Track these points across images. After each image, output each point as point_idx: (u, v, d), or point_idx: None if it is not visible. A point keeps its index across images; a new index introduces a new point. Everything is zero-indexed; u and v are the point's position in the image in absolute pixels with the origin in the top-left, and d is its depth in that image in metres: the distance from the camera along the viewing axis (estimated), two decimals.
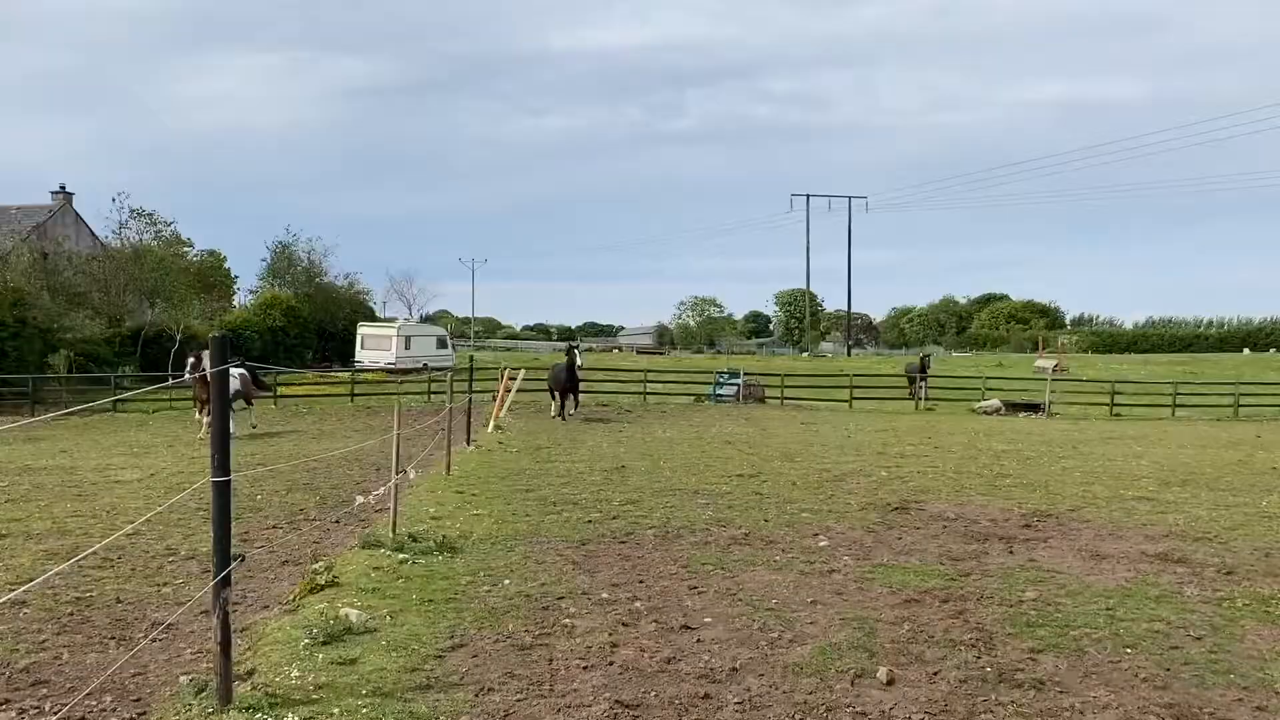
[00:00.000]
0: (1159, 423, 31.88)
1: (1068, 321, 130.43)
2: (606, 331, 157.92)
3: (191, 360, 21.68)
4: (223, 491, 5.05)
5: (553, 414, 27.00)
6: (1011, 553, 9.42)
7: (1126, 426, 29.26)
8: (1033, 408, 35.30)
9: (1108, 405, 36.98)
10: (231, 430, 6.09)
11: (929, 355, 45.58)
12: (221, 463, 5.02)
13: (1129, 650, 6.34)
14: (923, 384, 37.42)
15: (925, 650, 6.27)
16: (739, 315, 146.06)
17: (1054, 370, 52.63)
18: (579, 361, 26.55)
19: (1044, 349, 77.29)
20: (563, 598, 7.43)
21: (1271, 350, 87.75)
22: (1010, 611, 7.22)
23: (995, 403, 35.26)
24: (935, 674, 5.81)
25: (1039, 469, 16.38)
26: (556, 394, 27.06)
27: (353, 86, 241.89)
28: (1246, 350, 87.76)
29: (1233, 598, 7.75)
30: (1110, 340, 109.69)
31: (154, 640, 6.72)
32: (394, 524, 9.35)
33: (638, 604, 7.30)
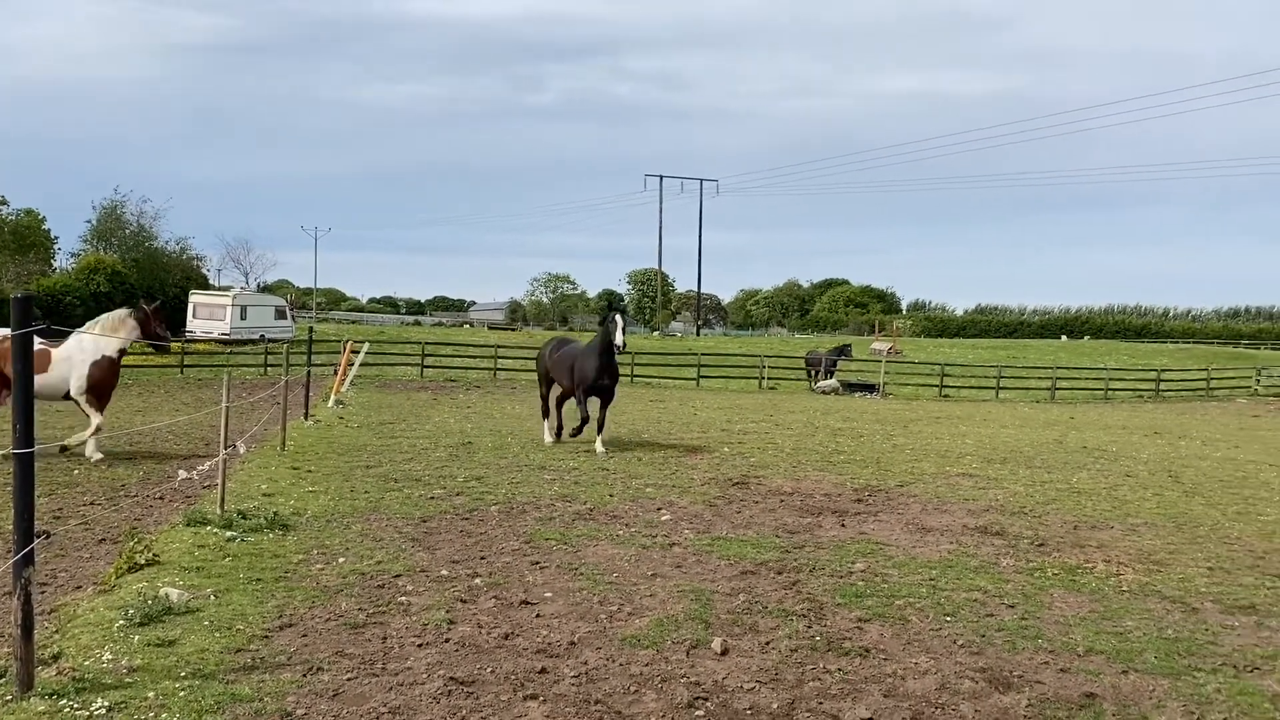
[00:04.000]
0: (983, 404, 33.71)
1: (903, 307, 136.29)
2: (457, 306, 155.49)
3: None
4: (25, 464, 4.69)
5: (551, 437, 15.79)
6: (843, 526, 9.77)
7: (954, 407, 30.82)
8: (868, 388, 36.73)
9: (937, 386, 38.88)
10: None
11: (849, 345, 46.63)
12: (24, 433, 4.66)
13: (949, 618, 6.67)
14: (832, 370, 38.01)
15: (759, 620, 6.43)
16: (592, 293, 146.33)
17: (889, 353, 54.96)
18: (619, 341, 14.59)
19: (880, 332, 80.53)
20: (400, 575, 7.26)
21: (1086, 337, 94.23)
22: (840, 582, 7.49)
23: (834, 383, 36.51)
24: (768, 643, 5.97)
25: (872, 446, 17.05)
26: (580, 397, 15.20)
27: (193, 42, 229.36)
28: (1064, 337, 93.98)
29: (1043, 568, 8.26)
30: (941, 325, 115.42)
31: None
32: (222, 500, 8.94)
33: (478, 580, 7.21)
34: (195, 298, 48.46)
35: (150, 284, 53.53)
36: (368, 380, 29.57)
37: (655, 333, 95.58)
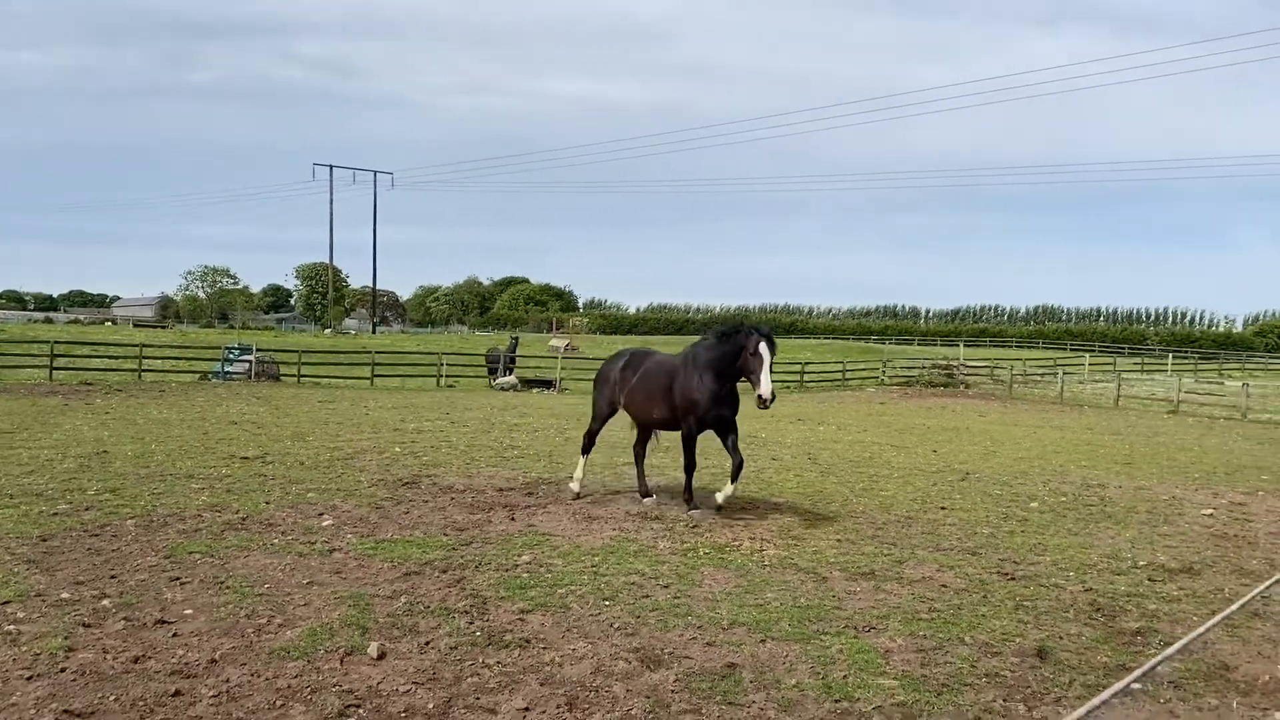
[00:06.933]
0: None
1: (580, 305, 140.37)
2: (98, 302, 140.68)
3: None
4: None
5: (578, 485, 11.50)
6: (513, 519, 9.83)
7: None
8: (546, 384, 37.38)
9: None
10: None
11: (517, 338, 46.22)
12: None
13: (607, 602, 6.89)
14: (511, 366, 38.14)
15: (420, 621, 6.30)
16: (256, 288, 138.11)
17: (566, 349, 56.28)
18: (765, 389, 9.77)
19: (558, 330, 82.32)
20: (9, 602, 6.40)
21: None
22: (505, 576, 7.51)
23: (512, 379, 36.82)
24: (427, 643, 5.86)
25: (545, 440, 17.33)
26: (689, 433, 10.67)
27: None
28: None
29: (696, 548, 8.75)
30: (616, 323, 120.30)
31: None
32: None
33: (105, 601, 6.51)
34: None
35: None
36: None
37: (327, 331, 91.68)
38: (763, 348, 9.89)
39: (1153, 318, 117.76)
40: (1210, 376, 58.38)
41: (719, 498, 10.39)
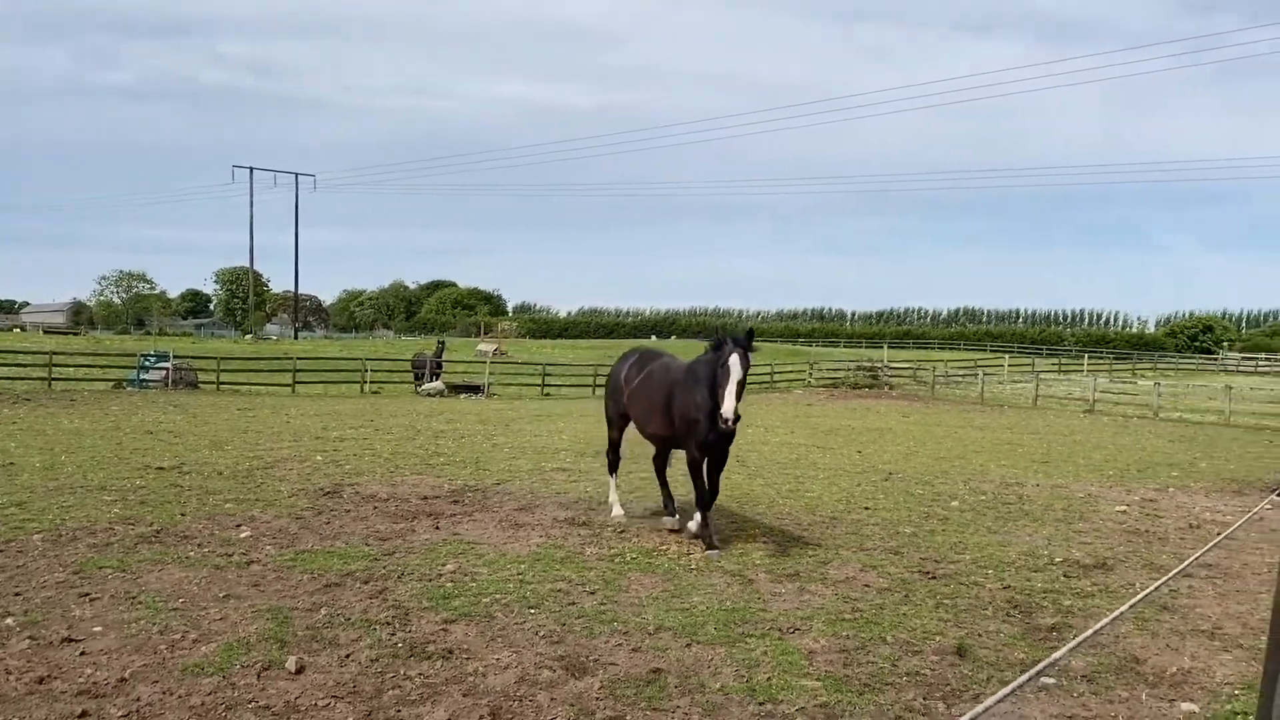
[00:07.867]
0: (581, 401, 35.30)
1: (510, 309, 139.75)
2: (6, 307, 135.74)
3: None
4: None
5: (620, 509, 10.64)
6: (438, 528, 9.70)
7: (554, 405, 31.96)
8: (473, 389, 37.04)
9: (540, 386, 40.12)
10: None
11: (444, 342, 45.47)
12: None
13: (533, 611, 6.84)
14: (438, 371, 37.68)
15: (340, 633, 6.18)
16: (174, 293, 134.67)
17: (494, 354, 55.94)
18: (728, 408, 8.46)
19: (487, 334, 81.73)
20: None
21: (673, 336, 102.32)
22: (429, 586, 7.41)
23: (439, 385, 36.40)
24: (347, 656, 5.75)
25: (472, 447, 17.18)
26: (695, 456, 9.26)
27: None
28: (654, 336, 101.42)
29: (624, 553, 8.74)
30: (546, 326, 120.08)
31: None
32: None
33: (9, 620, 6.26)
34: None
35: None
36: None
37: (248, 336, 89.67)
38: (733, 361, 8.51)
39: (1069, 319, 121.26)
40: (1124, 376, 60.32)
41: (693, 526, 9.35)
